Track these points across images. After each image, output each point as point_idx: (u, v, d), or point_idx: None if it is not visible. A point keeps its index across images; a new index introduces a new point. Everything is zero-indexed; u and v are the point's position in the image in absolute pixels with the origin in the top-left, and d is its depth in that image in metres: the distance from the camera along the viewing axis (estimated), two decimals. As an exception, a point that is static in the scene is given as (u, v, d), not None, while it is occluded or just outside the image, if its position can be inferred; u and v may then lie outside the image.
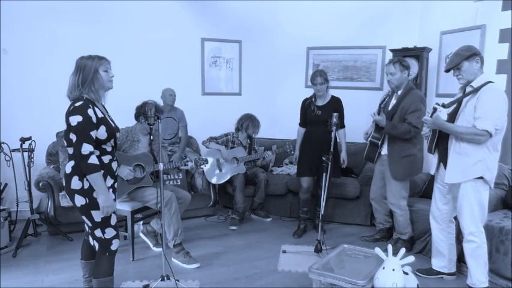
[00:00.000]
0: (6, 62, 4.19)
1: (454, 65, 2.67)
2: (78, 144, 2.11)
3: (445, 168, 2.78)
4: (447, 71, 2.76)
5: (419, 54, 4.31)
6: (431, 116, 2.64)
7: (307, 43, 5.27)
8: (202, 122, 5.10)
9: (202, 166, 4.02)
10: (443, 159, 2.82)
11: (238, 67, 5.40)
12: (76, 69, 2.21)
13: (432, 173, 2.98)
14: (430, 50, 4.39)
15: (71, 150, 2.20)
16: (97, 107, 2.23)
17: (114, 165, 2.34)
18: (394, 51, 4.46)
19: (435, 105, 2.64)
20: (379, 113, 3.38)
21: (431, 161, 3.04)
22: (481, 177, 2.63)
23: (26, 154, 3.70)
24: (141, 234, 3.74)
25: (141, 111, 3.33)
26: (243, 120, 4.53)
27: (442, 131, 2.74)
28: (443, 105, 2.65)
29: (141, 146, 3.46)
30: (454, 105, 2.76)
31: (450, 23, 4.18)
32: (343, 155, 3.97)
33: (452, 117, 2.74)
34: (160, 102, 4.53)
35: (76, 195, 2.19)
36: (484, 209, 2.69)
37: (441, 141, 2.80)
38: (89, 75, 2.19)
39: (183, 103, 4.68)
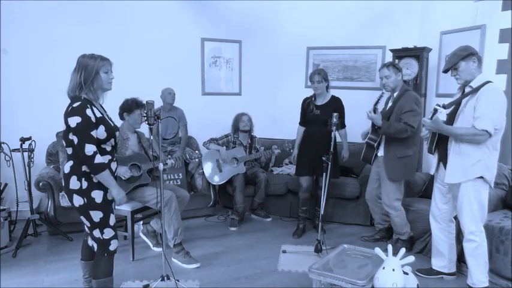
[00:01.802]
0: (6, 62, 4.19)
1: (451, 65, 2.69)
2: (80, 146, 2.11)
3: (445, 168, 2.79)
4: (445, 71, 2.77)
5: (419, 54, 4.31)
6: (431, 117, 2.64)
7: (307, 43, 5.27)
8: (202, 122, 5.10)
9: (196, 159, 4.01)
10: (443, 160, 2.82)
11: (238, 67, 5.40)
12: (77, 68, 2.20)
13: (432, 173, 2.98)
14: (430, 50, 4.39)
15: (69, 151, 2.20)
16: (95, 106, 2.22)
17: (114, 165, 2.34)
18: (394, 51, 4.46)
19: (436, 106, 2.63)
20: (374, 112, 3.39)
21: (431, 161, 3.04)
22: (481, 177, 2.63)
23: (26, 154, 3.70)
24: (141, 234, 3.74)
25: (124, 108, 3.39)
26: (232, 123, 4.60)
27: None
28: (444, 106, 2.65)
29: (131, 144, 3.45)
30: (453, 107, 2.76)
31: (450, 23, 4.18)
32: (344, 152, 3.99)
33: (451, 118, 2.74)
34: (160, 102, 4.54)
35: (74, 195, 2.19)
36: (484, 209, 2.69)
37: (441, 141, 2.81)
38: (90, 76, 2.18)
39: (183, 103, 4.68)
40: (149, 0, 4.74)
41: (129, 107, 3.37)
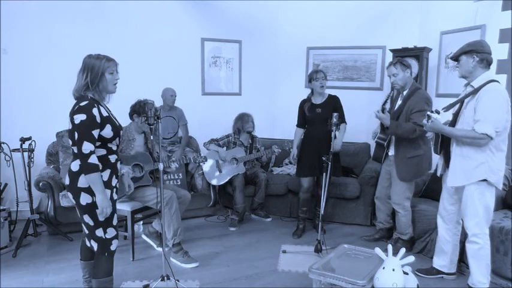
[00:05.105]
0: (6, 62, 4.19)
1: (454, 56, 2.70)
2: (79, 143, 2.11)
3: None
4: (451, 58, 2.79)
5: (419, 54, 4.31)
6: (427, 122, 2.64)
7: (307, 43, 5.27)
8: (202, 122, 5.10)
9: (201, 163, 4.02)
10: (447, 161, 2.80)
11: (238, 67, 5.40)
12: (83, 69, 2.20)
13: (439, 174, 2.95)
14: (430, 50, 4.39)
15: (76, 149, 2.20)
16: (102, 106, 2.23)
17: (119, 165, 2.35)
18: (394, 51, 4.46)
19: (429, 113, 2.63)
20: (383, 112, 3.38)
21: (434, 160, 3.03)
22: (485, 180, 2.59)
23: (26, 154, 3.70)
24: (144, 236, 3.73)
25: (135, 110, 3.36)
26: (236, 123, 4.59)
27: None
28: (438, 112, 2.63)
29: (136, 145, 3.46)
30: (457, 106, 2.73)
31: (450, 23, 4.18)
32: (338, 141, 3.74)
33: (455, 118, 2.72)
34: (160, 102, 4.54)
35: (82, 193, 2.19)
36: (490, 211, 2.66)
37: (444, 143, 2.79)
38: (96, 77, 2.18)
39: (183, 103, 4.68)
40: (149, 0, 4.74)
41: (141, 108, 3.33)
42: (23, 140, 3.64)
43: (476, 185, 2.61)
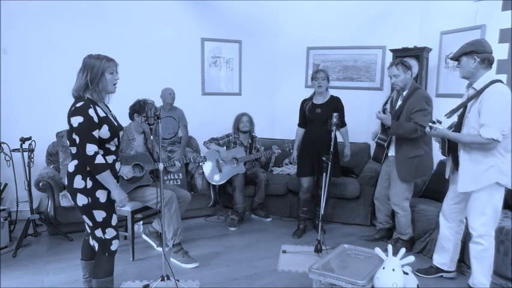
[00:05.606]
0: (6, 62, 4.19)
1: (454, 56, 2.68)
2: (82, 146, 2.11)
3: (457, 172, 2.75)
4: (452, 59, 2.77)
5: (419, 54, 4.31)
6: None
7: (307, 43, 5.27)
8: (202, 122, 5.10)
9: (200, 164, 4.03)
10: (455, 163, 2.77)
11: (238, 67, 5.40)
12: (83, 68, 2.19)
13: (447, 176, 2.94)
14: (430, 50, 4.39)
15: (73, 150, 2.20)
16: (99, 106, 2.22)
17: (118, 165, 2.35)
18: (394, 51, 4.46)
19: (431, 124, 2.61)
20: (383, 113, 3.38)
21: (435, 159, 3.00)
22: (495, 182, 2.56)
23: (26, 154, 3.70)
24: (144, 236, 3.73)
25: (135, 109, 3.36)
26: (233, 123, 4.61)
27: None
28: (439, 122, 2.62)
29: (136, 145, 3.46)
30: (461, 109, 2.71)
31: (450, 23, 4.18)
32: (347, 150, 3.99)
33: (460, 120, 2.69)
34: (160, 102, 4.54)
35: (78, 194, 2.19)
36: (498, 213, 2.63)
37: (451, 147, 2.77)
38: (96, 77, 2.18)
39: (183, 103, 4.68)
40: (149, 0, 4.74)
41: (141, 107, 3.35)
42: (23, 140, 3.64)
43: (486, 188, 2.58)
